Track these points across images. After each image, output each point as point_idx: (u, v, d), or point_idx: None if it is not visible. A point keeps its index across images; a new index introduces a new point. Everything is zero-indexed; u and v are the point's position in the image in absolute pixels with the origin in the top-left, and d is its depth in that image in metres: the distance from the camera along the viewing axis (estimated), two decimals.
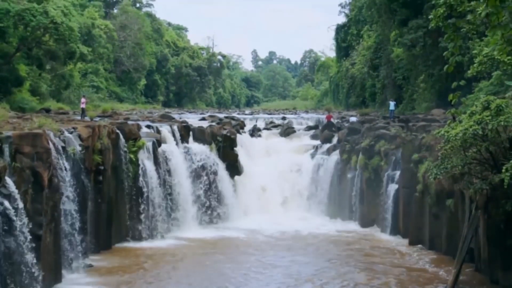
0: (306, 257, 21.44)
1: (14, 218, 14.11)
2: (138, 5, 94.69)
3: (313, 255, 21.93)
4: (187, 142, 28.29)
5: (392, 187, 25.14)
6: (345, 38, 73.44)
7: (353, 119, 36.51)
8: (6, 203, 14.00)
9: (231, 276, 18.70)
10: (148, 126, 26.97)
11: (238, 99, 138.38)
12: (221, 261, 20.60)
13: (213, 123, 33.25)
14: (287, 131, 37.97)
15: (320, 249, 22.87)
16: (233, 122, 35.61)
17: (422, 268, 19.59)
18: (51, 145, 16.59)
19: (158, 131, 26.58)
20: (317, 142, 34.06)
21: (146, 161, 23.96)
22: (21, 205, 14.53)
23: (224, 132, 29.79)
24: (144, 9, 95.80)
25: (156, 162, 24.79)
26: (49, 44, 39.56)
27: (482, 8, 10.84)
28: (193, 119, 38.67)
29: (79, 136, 19.59)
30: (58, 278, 16.88)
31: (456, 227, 19.78)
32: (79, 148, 19.17)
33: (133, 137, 23.66)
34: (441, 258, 20.65)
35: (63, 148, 18.01)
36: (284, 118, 46.79)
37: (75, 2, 61.93)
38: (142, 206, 23.59)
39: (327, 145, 32.69)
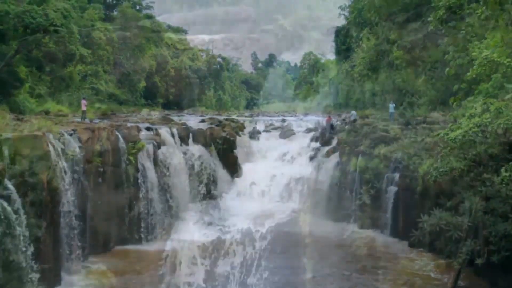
0: (305, 260, 21.40)
1: (14, 220, 14.09)
2: (137, 7, 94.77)
3: (312, 258, 21.87)
4: (187, 144, 28.28)
5: (392, 189, 25.13)
6: (344, 40, 73.50)
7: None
8: (6, 205, 13.99)
9: (230, 278, 18.68)
10: (147, 128, 26.97)
11: (238, 101, 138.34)
12: (220, 263, 20.55)
13: (213, 125, 33.26)
14: (287, 133, 38.00)
15: (320, 251, 22.83)
16: (233, 124, 35.66)
17: (422, 271, 19.56)
18: (50, 147, 16.58)
19: (158, 133, 26.57)
20: (317, 145, 34.07)
21: (145, 163, 23.96)
22: (20, 207, 14.52)
23: (224, 134, 29.80)
24: (144, 11, 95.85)
25: (156, 164, 24.79)
26: (48, 46, 39.62)
27: (481, 10, 10.87)
28: (193, 121, 38.68)
29: (79, 138, 19.62)
30: (57, 280, 16.87)
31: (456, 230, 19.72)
32: (78, 150, 19.17)
33: (132, 139, 23.66)
34: (440, 261, 20.63)
35: (63, 150, 18.02)
36: (283, 121, 46.85)
37: (75, 4, 61.82)
38: (142, 208, 23.58)
39: (326, 148, 32.70)
